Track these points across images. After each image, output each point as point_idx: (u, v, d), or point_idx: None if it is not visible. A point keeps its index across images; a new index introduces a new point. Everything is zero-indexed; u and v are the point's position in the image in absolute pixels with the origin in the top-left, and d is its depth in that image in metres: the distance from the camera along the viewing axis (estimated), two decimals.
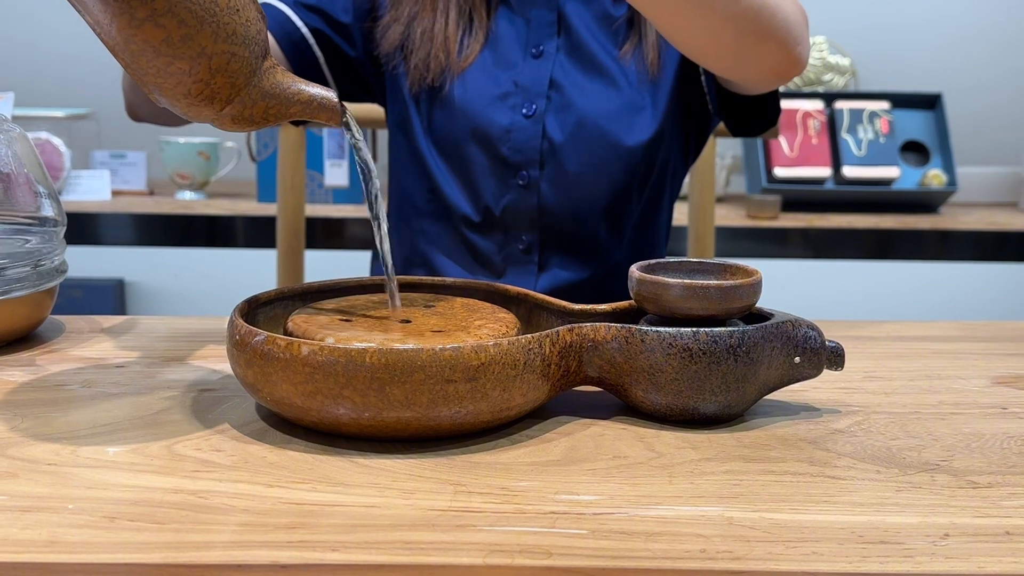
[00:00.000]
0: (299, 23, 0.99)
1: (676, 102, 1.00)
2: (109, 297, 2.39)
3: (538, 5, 1.00)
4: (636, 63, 0.99)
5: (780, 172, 2.06)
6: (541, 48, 0.99)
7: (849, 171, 2.06)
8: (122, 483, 0.46)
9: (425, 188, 1.01)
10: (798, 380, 0.58)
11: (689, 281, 0.56)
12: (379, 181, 0.60)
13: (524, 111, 0.98)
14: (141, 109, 0.95)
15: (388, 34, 1.01)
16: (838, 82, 2.31)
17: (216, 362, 0.67)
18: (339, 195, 1.99)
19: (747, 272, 0.59)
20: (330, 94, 0.57)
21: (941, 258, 1.93)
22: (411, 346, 0.50)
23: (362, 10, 1.03)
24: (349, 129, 0.58)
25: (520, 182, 0.97)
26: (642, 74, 0.99)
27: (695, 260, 0.62)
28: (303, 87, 0.56)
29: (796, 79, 2.27)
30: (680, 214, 1.37)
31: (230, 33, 0.51)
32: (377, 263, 1.12)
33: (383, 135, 2.09)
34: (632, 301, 0.61)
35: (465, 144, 0.99)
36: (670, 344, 0.54)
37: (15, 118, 1.94)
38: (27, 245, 0.71)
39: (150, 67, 0.50)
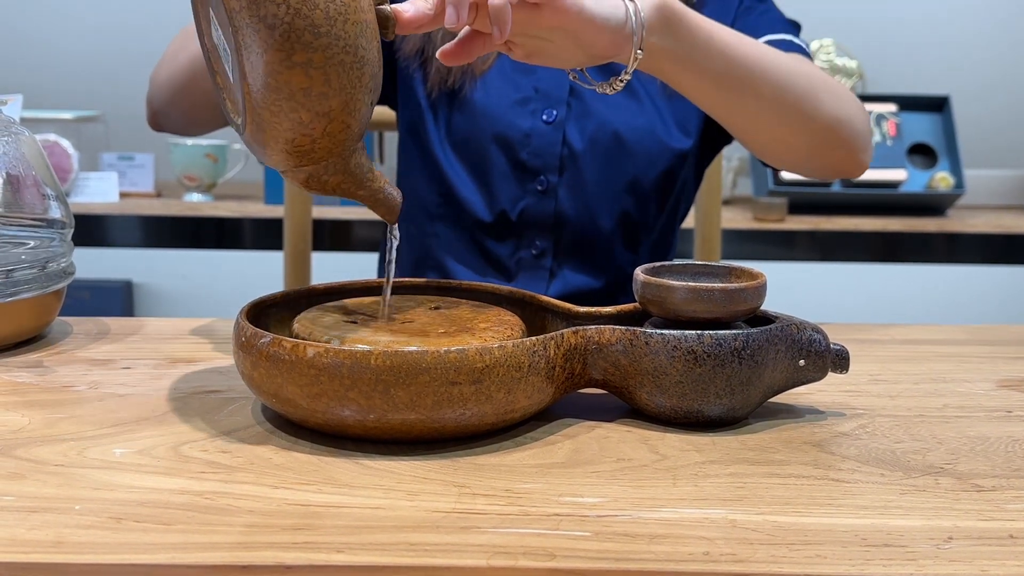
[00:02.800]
0: None
1: (697, 120, 1.00)
2: (117, 299, 2.40)
3: None
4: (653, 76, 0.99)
5: (787, 175, 2.06)
6: None
7: None
8: (129, 484, 0.47)
9: (438, 192, 1.01)
10: (803, 383, 0.58)
11: (694, 284, 0.56)
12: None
13: (544, 117, 0.98)
14: (168, 120, 0.95)
15: (409, 38, 1.01)
16: (845, 84, 2.31)
17: (223, 364, 0.68)
18: None
19: (752, 275, 0.59)
20: (397, 194, 0.60)
21: (948, 261, 1.93)
22: (416, 348, 0.50)
23: None
24: (393, 234, 0.62)
25: (538, 187, 0.98)
26: (662, 86, 0.99)
27: (700, 263, 0.62)
28: (377, 178, 0.59)
29: None
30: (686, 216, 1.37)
31: (355, 109, 0.53)
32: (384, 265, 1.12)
33: (390, 137, 2.09)
34: (637, 304, 0.61)
35: (484, 148, 0.99)
36: (675, 347, 0.54)
37: (23, 120, 1.95)
38: (35, 247, 0.72)
39: (274, 104, 0.51)
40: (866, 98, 2.14)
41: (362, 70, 0.52)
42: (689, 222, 1.37)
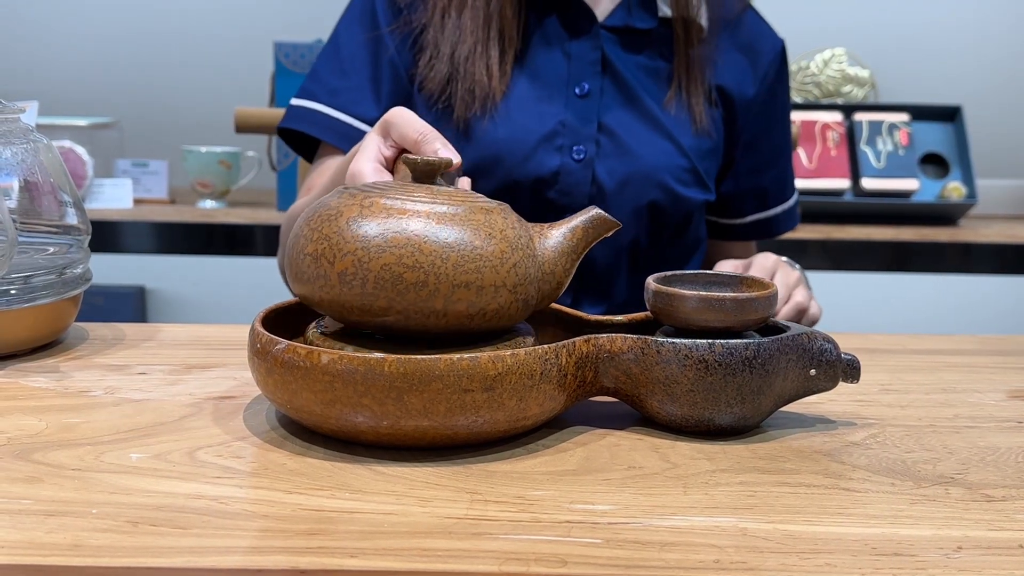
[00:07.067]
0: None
1: (715, 171, 1.03)
2: (130, 304, 2.41)
3: (579, 39, 0.97)
4: (679, 112, 0.98)
5: (798, 184, 2.05)
6: (587, 88, 0.97)
7: (868, 183, 2.05)
8: (144, 488, 0.47)
9: None
10: (814, 392, 0.59)
11: (705, 293, 0.56)
12: None
13: (575, 155, 0.95)
14: None
15: (432, 73, 0.97)
16: (857, 94, 2.31)
17: (237, 370, 0.68)
18: None
19: (763, 285, 0.59)
20: (594, 210, 0.60)
21: (960, 271, 1.92)
22: (429, 355, 0.50)
23: (408, 59, 1.00)
24: None
25: None
26: (685, 124, 0.98)
27: (711, 272, 0.62)
28: (567, 225, 0.60)
29: (815, 90, 2.27)
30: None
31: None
32: None
33: None
34: (648, 313, 0.61)
35: (508, 186, 0.95)
36: (686, 356, 0.55)
37: (39, 127, 1.95)
38: (52, 253, 0.72)
39: (445, 308, 0.54)
40: (878, 107, 2.14)
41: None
42: None
